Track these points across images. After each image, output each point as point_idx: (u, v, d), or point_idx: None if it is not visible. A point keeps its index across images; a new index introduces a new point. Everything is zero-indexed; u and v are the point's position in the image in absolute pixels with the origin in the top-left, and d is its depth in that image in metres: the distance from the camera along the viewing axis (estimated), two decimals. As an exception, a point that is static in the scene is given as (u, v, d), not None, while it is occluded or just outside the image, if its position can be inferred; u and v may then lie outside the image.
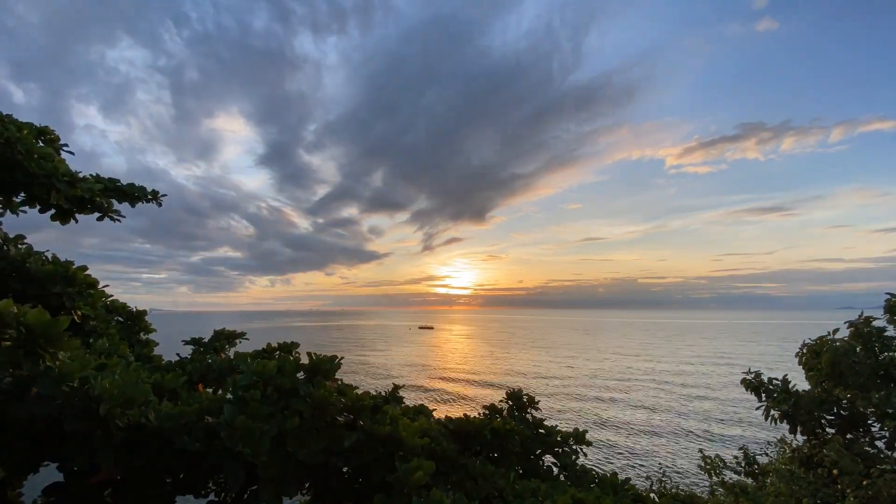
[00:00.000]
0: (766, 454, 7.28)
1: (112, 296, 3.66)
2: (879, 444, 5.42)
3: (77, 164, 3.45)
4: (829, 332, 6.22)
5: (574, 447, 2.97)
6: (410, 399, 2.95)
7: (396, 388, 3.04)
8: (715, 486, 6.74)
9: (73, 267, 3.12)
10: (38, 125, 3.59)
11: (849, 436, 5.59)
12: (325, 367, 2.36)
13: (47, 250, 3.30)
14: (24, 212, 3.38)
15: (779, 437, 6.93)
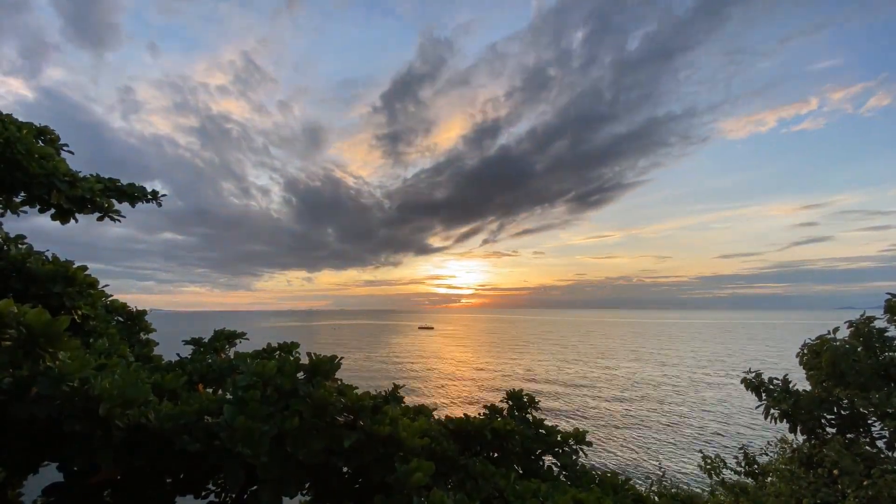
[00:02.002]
0: (767, 454, 7.28)
1: (112, 295, 3.66)
2: (880, 444, 5.41)
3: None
4: (829, 332, 6.22)
5: (574, 447, 2.97)
6: (410, 399, 2.94)
7: (396, 388, 3.03)
8: (715, 486, 6.74)
9: (74, 267, 3.12)
10: (38, 125, 3.59)
11: (849, 436, 5.58)
12: (325, 367, 2.36)
13: (47, 250, 3.30)
14: (25, 212, 3.38)
15: (779, 437, 6.93)
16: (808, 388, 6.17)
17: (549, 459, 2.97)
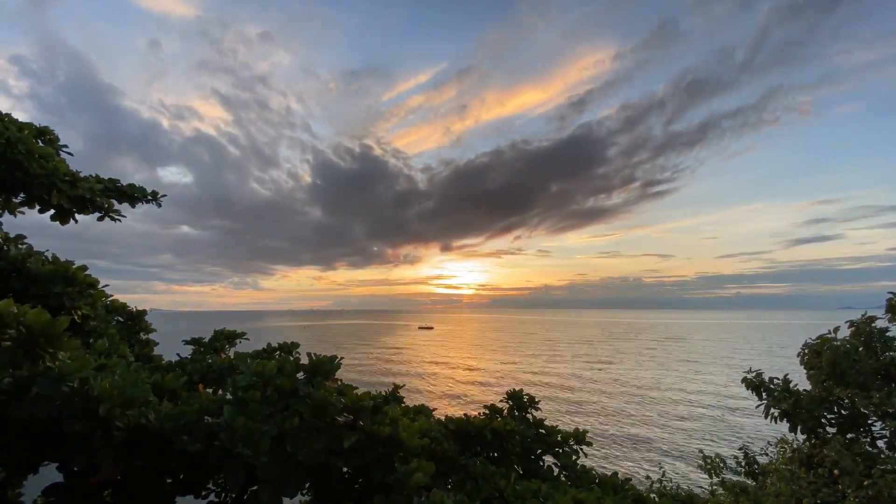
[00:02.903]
0: (767, 454, 7.28)
1: (112, 295, 3.66)
2: (880, 443, 5.41)
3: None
4: (829, 331, 6.22)
5: (574, 447, 2.97)
6: (410, 399, 2.94)
7: (396, 388, 3.03)
8: (715, 486, 6.74)
9: (74, 267, 3.12)
10: (38, 125, 3.59)
11: (849, 436, 5.58)
12: (324, 367, 2.36)
13: (47, 250, 3.30)
14: (23, 212, 3.38)
15: (779, 437, 6.93)
16: (809, 387, 6.17)
17: (549, 460, 2.97)
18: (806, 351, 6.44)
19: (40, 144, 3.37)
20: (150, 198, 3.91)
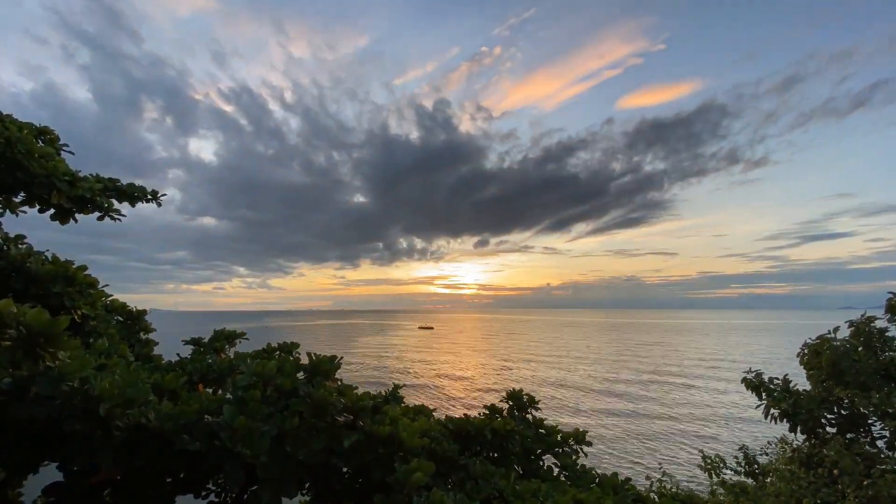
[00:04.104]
0: (767, 454, 7.28)
1: (112, 295, 3.66)
2: (880, 444, 5.42)
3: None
4: (829, 331, 6.22)
5: (574, 447, 2.97)
6: (410, 399, 2.94)
7: (396, 388, 3.03)
8: (715, 486, 6.74)
9: (73, 267, 3.12)
10: (38, 125, 3.59)
11: (849, 435, 5.58)
12: (325, 367, 2.36)
13: (47, 249, 3.30)
14: (24, 212, 3.38)
15: (779, 437, 6.93)
16: (809, 387, 6.17)
17: (549, 459, 2.97)
18: (806, 351, 6.44)
19: (40, 144, 3.37)
20: (149, 197, 3.91)
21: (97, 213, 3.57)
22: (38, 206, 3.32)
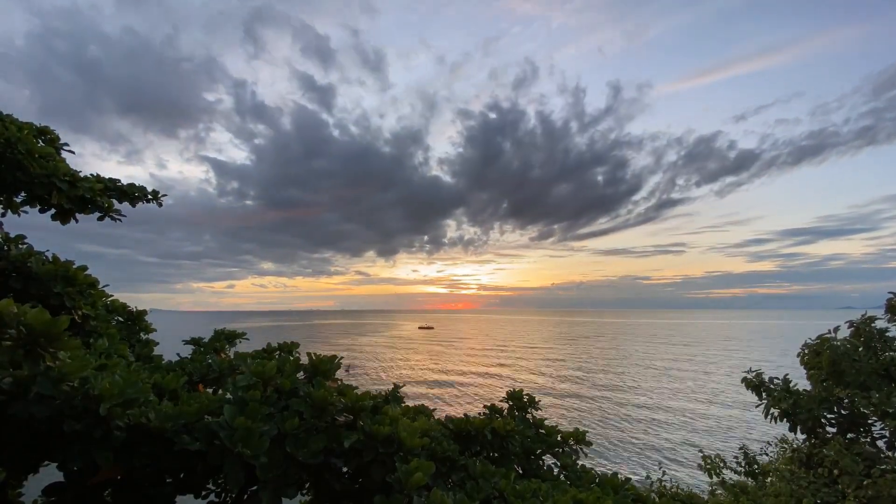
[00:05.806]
0: (767, 454, 7.28)
1: (112, 295, 3.66)
2: (880, 443, 5.42)
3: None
4: (829, 331, 6.22)
5: (574, 447, 2.97)
6: (410, 399, 2.94)
7: (396, 387, 3.03)
8: (715, 486, 6.74)
9: (74, 267, 3.12)
10: (38, 125, 3.59)
11: (849, 435, 5.58)
12: (325, 367, 2.36)
13: (47, 250, 3.30)
14: (26, 212, 3.39)
15: (779, 437, 6.93)
16: (809, 387, 6.17)
17: (549, 459, 2.97)
18: (806, 351, 6.44)
19: (40, 144, 3.37)
20: (150, 197, 3.92)
21: (97, 214, 3.58)
22: (38, 207, 3.32)
